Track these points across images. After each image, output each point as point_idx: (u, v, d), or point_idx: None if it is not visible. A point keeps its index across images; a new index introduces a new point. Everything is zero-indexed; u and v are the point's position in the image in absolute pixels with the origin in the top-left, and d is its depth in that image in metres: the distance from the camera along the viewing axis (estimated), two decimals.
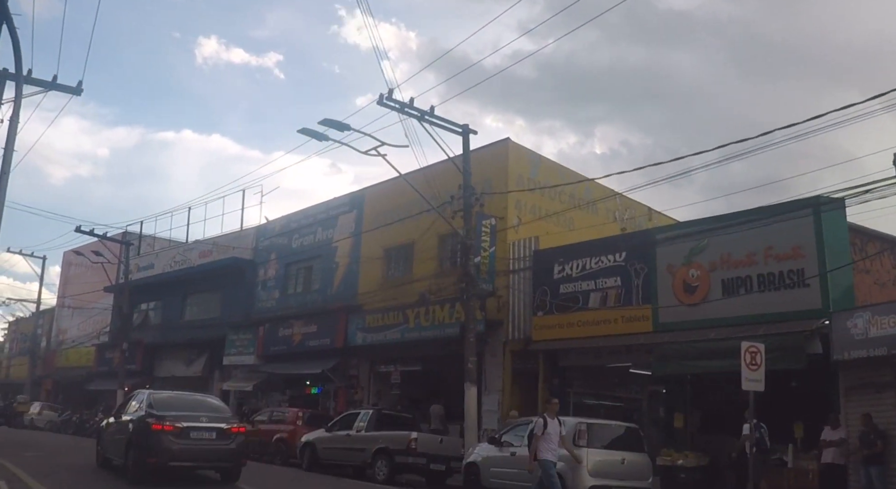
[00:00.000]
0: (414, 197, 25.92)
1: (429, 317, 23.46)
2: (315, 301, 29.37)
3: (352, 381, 26.96)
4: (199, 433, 13.71)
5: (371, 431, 18.61)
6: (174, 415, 13.49)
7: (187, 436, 13.41)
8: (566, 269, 21.08)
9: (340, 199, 29.80)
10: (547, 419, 13.05)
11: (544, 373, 21.31)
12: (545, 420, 13.01)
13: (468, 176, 21.13)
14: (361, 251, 27.74)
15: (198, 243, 37.64)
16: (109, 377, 39.05)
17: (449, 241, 24.97)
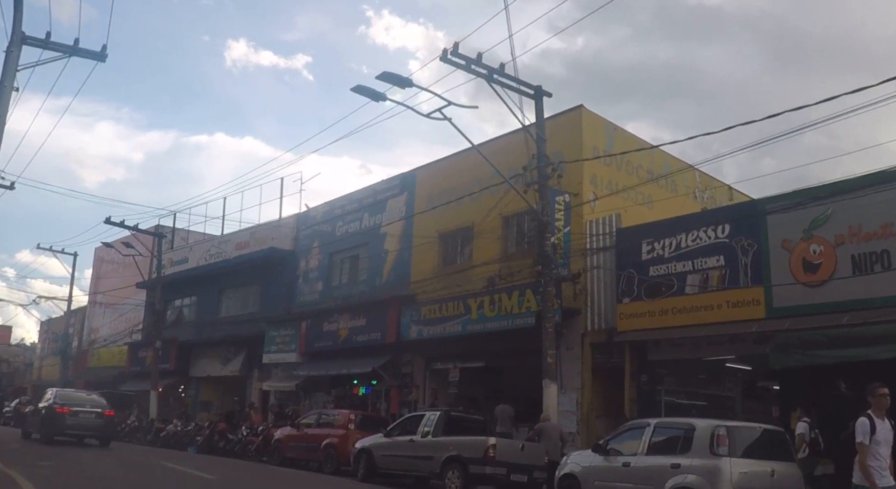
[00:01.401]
0: (472, 176, 23.49)
1: (494, 307, 20.82)
2: (362, 292, 26.86)
3: (405, 380, 24.41)
4: (84, 414, 22.48)
5: (439, 436, 15.98)
6: (69, 403, 21.82)
7: (76, 415, 22.03)
8: (656, 249, 18.34)
9: (389, 182, 27.27)
10: (875, 420, 7.98)
11: (631, 369, 18.60)
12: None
13: (542, 143, 18.50)
14: (414, 236, 25.15)
15: (234, 234, 35.31)
16: (142, 377, 36.91)
17: (514, 221, 22.39)
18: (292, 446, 21.33)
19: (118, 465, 18.30)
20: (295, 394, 29.01)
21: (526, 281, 19.80)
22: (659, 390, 18.60)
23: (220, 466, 19.96)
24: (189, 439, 26.92)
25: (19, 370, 63.07)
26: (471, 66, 17.46)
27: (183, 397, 37.00)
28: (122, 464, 18.64)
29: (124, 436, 32.26)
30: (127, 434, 32.23)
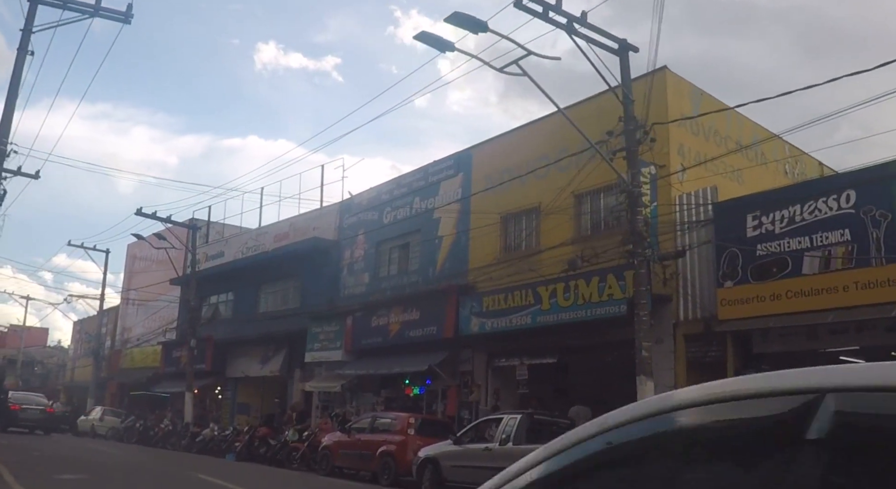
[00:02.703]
0: (537, 152, 21.10)
1: (570, 295, 18.38)
2: (414, 283, 24.51)
3: (464, 379, 22.00)
4: (32, 411, 30.39)
5: (522, 444, 13.55)
6: (20, 401, 28.37)
7: (25, 411, 29.09)
8: (765, 224, 15.80)
9: (442, 162, 24.88)
10: None
11: (734, 363, 16.05)
12: None
13: (630, 104, 16.02)
14: (471, 220, 22.75)
15: (272, 226, 33.13)
16: (177, 378, 34.87)
17: (589, 199, 19.92)
18: (343, 454, 19.00)
19: (150, 478, 16.12)
20: (340, 395, 26.72)
21: (610, 263, 17.32)
22: None
23: (264, 478, 17.73)
24: (227, 445, 24.70)
25: (52, 371, 61.60)
26: (548, 14, 14.99)
27: (219, 399, 34.89)
28: (154, 477, 16.46)
29: (157, 441, 30.20)
30: (160, 439, 30.16)
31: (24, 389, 55.75)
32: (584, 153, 19.14)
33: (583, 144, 19.00)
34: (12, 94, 15.83)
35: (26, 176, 26.71)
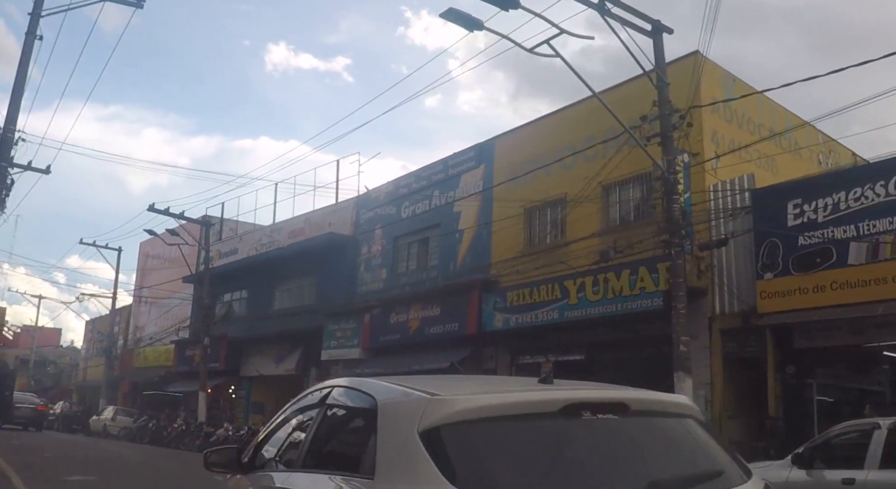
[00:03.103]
0: (562, 141, 20.38)
1: (599, 289, 17.66)
2: (434, 279, 23.82)
3: None
4: (25, 409, 32.82)
5: None
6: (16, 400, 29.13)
7: (20, 409, 30.91)
8: (807, 212, 15.05)
9: (462, 154, 24.17)
10: None
11: (774, 358, 15.30)
12: None
13: (665, 88, 15.29)
14: (494, 213, 22.04)
15: (287, 222, 32.46)
16: (190, 378, 34.26)
17: (616, 190, 19.24)
18: None
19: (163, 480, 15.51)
20: None
21: (642, 255, 16.59)
22: (809, 384, 15.28)
23: None
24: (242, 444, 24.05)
25: (65, 371, 61.18)
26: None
27: (233, 398, 34.26)
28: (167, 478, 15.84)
29: (171, 441, 29.57)
30: (173, 439, 29.54)
31: (36, 389, 55.51)
32: (612, 142, 18.44)
33: (610, 133, 18.35)
34: (20, 79, 15.23)
35: (37, 170, 26.12)
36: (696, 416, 3.56)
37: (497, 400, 3.12)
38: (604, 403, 3.21)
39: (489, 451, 2.89)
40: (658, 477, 3.05)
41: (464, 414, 2.93)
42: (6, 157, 14.62)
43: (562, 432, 3.01)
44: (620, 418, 3.14)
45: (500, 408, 3.02)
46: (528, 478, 2.79)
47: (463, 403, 2.98)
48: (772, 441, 14.57)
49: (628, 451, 3.16)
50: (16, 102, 15.01)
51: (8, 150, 14.66)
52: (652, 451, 3.25)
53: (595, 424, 3.06)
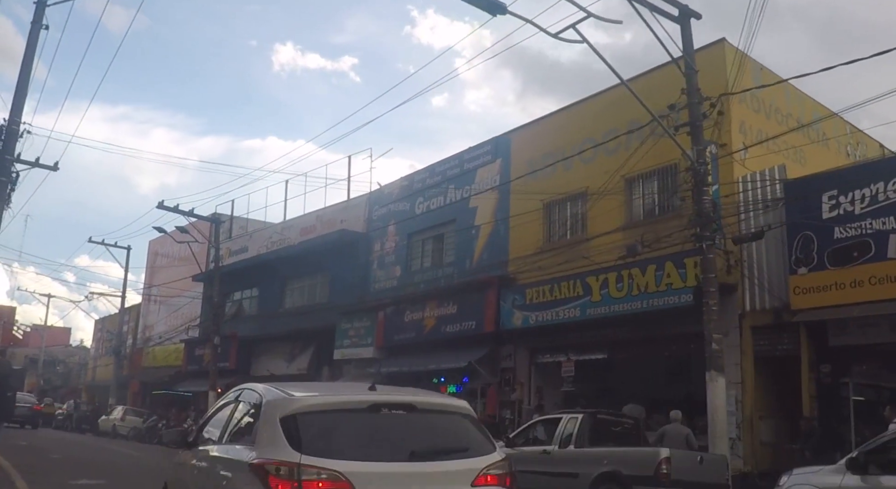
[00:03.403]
0: (582, 134, 19.81)
1: (623, 285, 17.06)
2: (449, 276, 23.24)
3: (506, 376, 20.70)
4: (21, 407, 28.27)
5: (585, 446, 12.21)
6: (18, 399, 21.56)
7: (18, 409, 23.36)
8: (843, 204, 14.42)
9: (478, 148, 23.57)
10: None
11: (809, 357, 14.67)
12: None
13: (693, 75, 14.67)
14: (511, 208, 21.46)
15: (298, 219, 31.89)
16: (200, 377, 33.76)
17: (640, 183, 18.63)
18: None
19: None
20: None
21: (668, 250, 16.00)
22: (845, 384, 14.65)
23: None
24: None
25: (74, 371, 60.82)
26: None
27: None
28: None
29: None
30: None
31: (46, 388, 55.18)
32: (635, 134, 17.88)
33: (633, 124, 17.77)
34: (25, 70, 14.69)
35: (45, 167, 25.67)
36: (468, 414, 5.61)
37: (327, 400, 5.32)
38: (397, 404, 5.24)
39: (320, 430, 4.88)
40: (420, 448, 5.02)
41: (305, 408, 5.03)
42: (11, 150, 14.08)
43: (367, 420, 5.05)
44: (407, 414, 5.21)
45: (328, 405, 5.19)
46: (342, 447, 4.76)
47: (305, 401, 5.11)
48: (807, 443, 13.96)
49: (409, 433, 5.15)
50: (21, 93, 14.51)
51: (13, 143, 14.14)
52: (424, 434, 5.23)
53: (389, 416, 5.13)
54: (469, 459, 5.16)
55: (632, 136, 18.14)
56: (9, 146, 14.04)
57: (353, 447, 4.86)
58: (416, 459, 4.97)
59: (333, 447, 4.81)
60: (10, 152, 14.07)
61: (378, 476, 4.79)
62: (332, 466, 4.66)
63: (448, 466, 5.07)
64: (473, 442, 5.33)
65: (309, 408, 5.06)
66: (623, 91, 19.30)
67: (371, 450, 4.90)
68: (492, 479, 5.18)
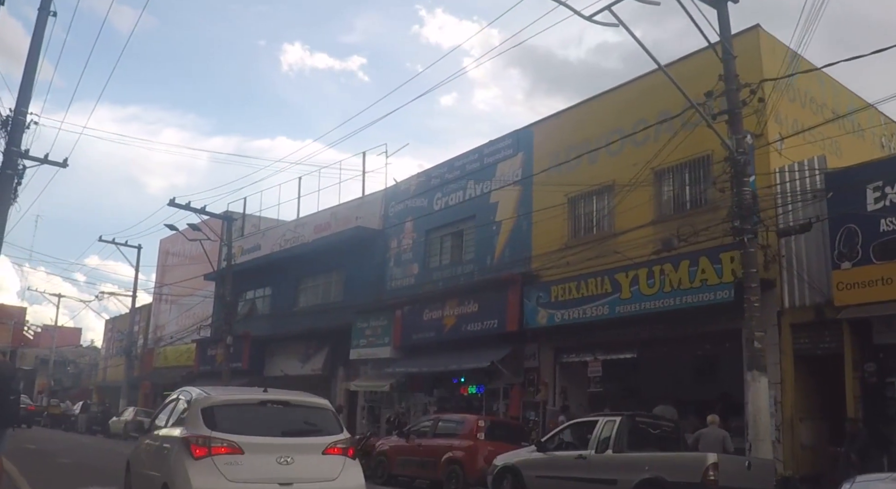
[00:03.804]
0: (608, 125, 19.15)
1: (654, 282, 16.38)
2: (469, 274, 22.57)
3: (529, 376, 20.03)
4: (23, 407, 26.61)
5: (625, 451, 11.53)
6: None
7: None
8: (889, 195, 13.71)
9: (499, 142, 22.90)
10: None
11: (852, 356, 13.96)
12: None
13: (731, 61, 14.01)
14: (534, 203, 20.80)
15: (312, 216, 31.26)
16: (212, 378, 33.03)
17: (670, 176, 17.92)
18: (402, 461, 17.05)
19: None
20: (388, 395, 24.86)
21: (706, 244, 15.31)
22: (891, 383, 13.93)
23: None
24: None
25: (84, 371, 60.38)
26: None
27: None
28: None
29: None
30: None
31: (56, 389, 54.73)
32: (665, 125, 17.24)
33: (663, 115, 17.14)
34: (32, 58, 14.10)
35: (54, 164, 25.13)
36: (327, 408, 8.62)
37: (231, 397, 8.28)
38: (277, 400, 8.06)
39: (225, 416, 7.66)
40: (289, 428, 7.83)
41: (217, 402, 7.88)
42: (17, 142, 13.47)
43: (257, 411, 7.85)
44: (284, 407, 8.07)
45: (232, 401, 8.09)
46: (238, 427, 7.56)
47: (217, 398, 8.00)
48: (852, 446, 13.25)
49: (283, 420, 7.91)
50: (28, 82, 13.89)
51: (19, 133, 13.52)
52: (294, 420, 8.05)
53: (272, 409, 7.94)
54: (322, 437, 8.07)
55: (661, 127, 17.48)
56: (15, 137, 13.42)
57: (246, 427, 7.73)
58: (286, 435, 7.90)
59: (233, 426, 7.67)
60: (17, 143, 13.44)
61: (259, 445, 7.63)
62: (230, 438, 7.54)
63: (307, 441, 8.01)
64: (327, 426, 8.31)
65: (220, 403, 8.07)
66: (653, 80, 18.70)
67: (257, 428, 7.77)
68: (336, 450, 8.05)
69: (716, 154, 16.73)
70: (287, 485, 7.58)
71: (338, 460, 7.95)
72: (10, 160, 13.38)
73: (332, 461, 7.93)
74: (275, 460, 7.62)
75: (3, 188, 13.39)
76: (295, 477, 7.64)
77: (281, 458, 7.63)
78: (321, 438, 7.99)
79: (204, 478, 7.36)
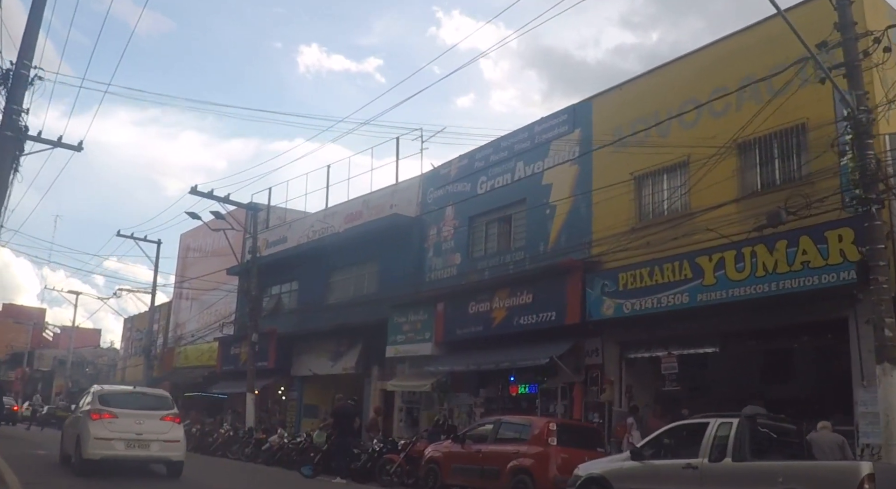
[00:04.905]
0: (681, 94, 17.16)
1: (745, 266, 14.36)
2: (520, 262, 20.61)
3: (592, 374, 18.06)
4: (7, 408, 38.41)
5: (747, 459, 9.51)
6: None
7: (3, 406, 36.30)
8: None
9: (552, 118, 20.92)
10: None
11: None
12: None
13: (845, 5, 12.03)
14: (594, 183, 18.84)
15: (342, 205, 29.40)
16: (236, 378, 31.40)
17: (755, 149, 15.87)
18: (456, 469, 15.09)
19: None
20: (428, 396, 22.93)
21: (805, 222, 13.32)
22: None
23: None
24: (300, 454, 20.94)
25: (102, 372, 58.81)
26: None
27: (283, 400, 31.28)
28: None
29: (216, 449, 26.64)
30: (220, 446, 26.59)
31: (73, 391, 53.13)
32: (747, 92, 15.33)
33: (746, 79, 15.17)
34: (38, 4, 12.25)
35: (68, 147, 23.48)
36: (166, 396, 16.31)
37: (112, 389, 16.39)
38: (137, 391, 16.59)
39: (108, 398, 15.02)
40: (142, 406, 15.00)
41: (104, 392, 15.58)
42: (18, 99, 11.63)
43: (126, 396, 15.46)
44: (141, 394, 16.09)
45: (112, 391, 16.06)
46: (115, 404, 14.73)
47: (104, 390, 15.93)
48: None
49: (140, 401, 15.26)
50: (31, 33, 12.05)
51: (21, 90, 11.70)
52: (145, 401, 15.35)
53: (134, 394, 15.81)
54: (160, 411, 14.84)
55: (744, 95, 15.54)
56: (15, 94, 11.59)
57: (119, 404, 14.57)
58: (140, 409, 14.60)
59: (112, 404, 14.55)
60: (18, 101, 11.62)
61: (126, 413, 14.29)
62: (110, 410, 14.32)
63: (151, 412, 14.62)
64: (164, 405, 15.15)
65: (106, 392, 15.38)
66: (734, 44, 16.74)
67: (125, 405, 14.59)
68: (168, 418, 14.73)
69: (811, 121, 14.80)
70: (139, 434, 14.23)
71: (168, 423, 14.77)
72: (9, 120, 11.54)
73: (165, 423, 14.70)
74: (134, 421, 14.33)
75: (4, 153, 11.55)
76: (144, 430, 14.29)
77: (137, 421, 14.35)
78: (160, 411, 14.91)
79: (97, 430, 14.05)
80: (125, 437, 13.99)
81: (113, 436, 13.90)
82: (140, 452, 14.25)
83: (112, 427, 13.96)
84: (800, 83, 14.10)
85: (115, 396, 15.05)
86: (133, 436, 13.98)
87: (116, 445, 13.94)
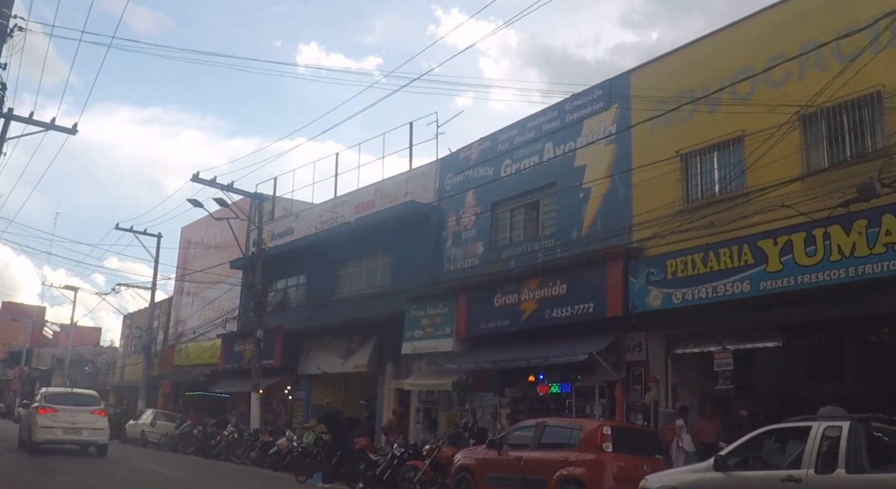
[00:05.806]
0: (734, 65, 15.51)
1: (816, 250, 12.75)
2: (550, 250, 19.03)
3: (635, 371, 16.46)
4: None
5: (865, 471, 7.90)
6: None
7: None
8: None
9: (585, 94, 19.29)
10: None
11: None
12: None
13: None
14: (633, 163, 17.25)
15: (352, 194, 27.82)
16: (239, 376, 29.88)
17: (821, 120, 14.28)
18: (495, 479, 13.46)
19: None
20: (447, 395, 21.36)
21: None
22: None
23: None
24: (311, 460, 19.29)
25: (102, 370, 57.26)
26: None
27: (289, 400, 29.70)
28: None
29: (219, 452, 25.04)
30: (224, 449, 24.98)
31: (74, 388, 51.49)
32: (811, 59, 13.78)
33: (807, 45, 13.60)
34: None
35: (62, 130, 22.22)
36: (95, 395, 23.23)
37: (55, 390, 24.80)
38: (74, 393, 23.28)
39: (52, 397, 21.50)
40: (76, 403, 21.30)
41: (49, 392, 22.88)
42: None
43: (65, 396, 22.31)
44: (77, 394, 23.02)
45: (55, 391, 24.31)
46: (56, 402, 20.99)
47: (49, 391, 23.80)
48: None
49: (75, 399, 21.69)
50: None
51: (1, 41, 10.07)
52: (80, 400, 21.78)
53: (71, 394, 22.98)
54: (91, 406, 21.23)
55: (807, 62, 13.97)
56: None
57: (60, 401, 20.91)
58: (76, 405, 20.84)
59: (54, 401, 20.84)
60: None
61: (64, 408, 20.40)
62: (53, 406, 20.43)
63: (84, 408, 20.94)
64: (94, 402, 21.76)
65: (50, 393, 22.79)
66: (794, 6, 15.18)
67: (64, 402, 20.92)
68: (96, 412, 21.18)
69: (887, 88, 13.23)
70: (74, 424, 20.14)
71: (96, 416, 20.90)
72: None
73: (93, 416, 20.81)
74: (70, 414, 20.18)
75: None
76: (78, 421, 20.27)
77: (73, 414, 20.24)
78: (90, 407, 21.00)
79: (43, 421, 19.95)
80: (63, 426, 20.09)
81: (55, 425, 20.03)
82: (74, 437, 20.45)
83: (54, 419, 20.10)
84: (876, 47, 12.61)
85: (57, 396, 22.07)
86: (69, 425, 20.10)
87: (57, 432, 20.04)
